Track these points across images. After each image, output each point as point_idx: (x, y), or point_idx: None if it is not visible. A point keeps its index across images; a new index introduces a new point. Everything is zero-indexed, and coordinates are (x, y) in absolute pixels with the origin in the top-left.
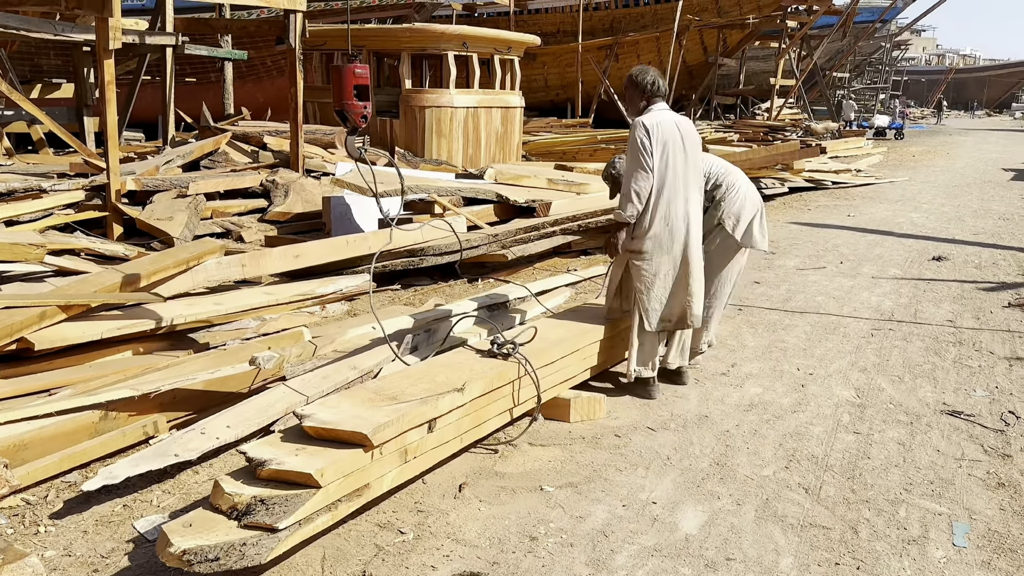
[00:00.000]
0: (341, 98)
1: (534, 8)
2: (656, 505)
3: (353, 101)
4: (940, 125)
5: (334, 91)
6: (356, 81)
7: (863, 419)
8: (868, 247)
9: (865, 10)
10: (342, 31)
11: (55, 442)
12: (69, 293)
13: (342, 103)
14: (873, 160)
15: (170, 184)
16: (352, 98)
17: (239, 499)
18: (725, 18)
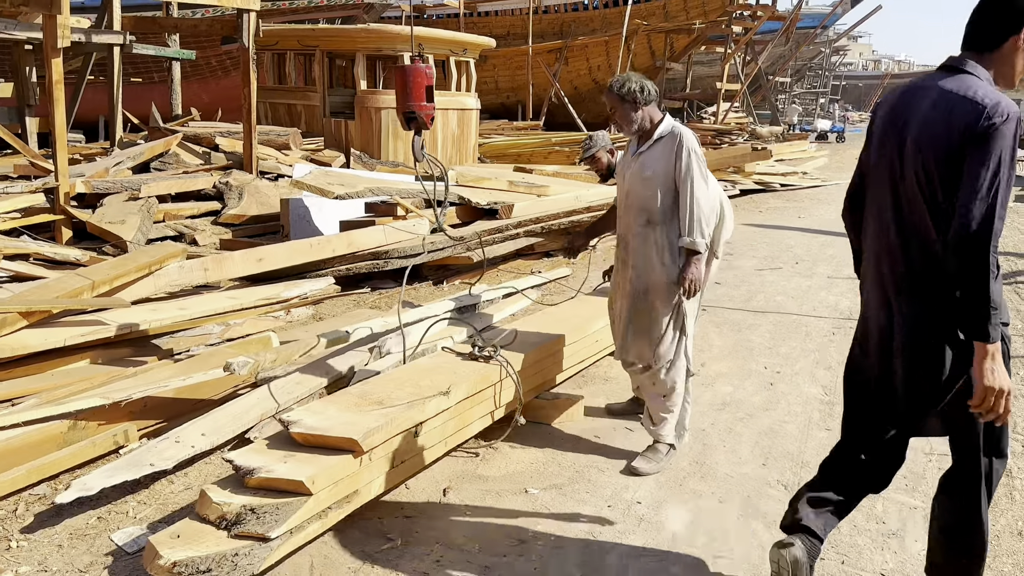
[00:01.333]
0: (409, 100)
1: (484, 11)
2: (641, 505)
3: (423, 103)
4: None
5: (399, 93)
6: (427, 82)
7: (833, 416)
8: (821, 247)
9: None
10: (294, 31)
11: (22, 454)
12: (30, 299)
13: (410, 104)
14: (818, 163)
15: (121, 187)
16: (423, 99)
17: (228, 508)
18: (672, 23)
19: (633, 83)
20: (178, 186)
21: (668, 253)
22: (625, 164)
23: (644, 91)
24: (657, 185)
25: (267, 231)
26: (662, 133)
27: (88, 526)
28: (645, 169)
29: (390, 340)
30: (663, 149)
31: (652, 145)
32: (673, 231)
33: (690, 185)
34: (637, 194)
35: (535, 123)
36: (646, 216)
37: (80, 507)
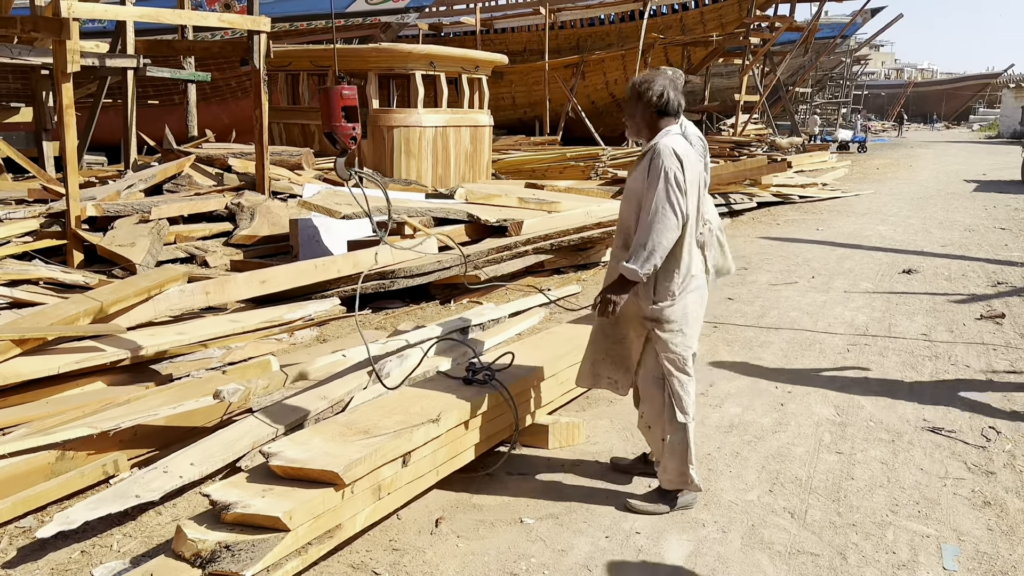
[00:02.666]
0: (330, 120)
1: (500, 28)
2: (640, 535)
3: (342, 123)
4: (901, 138)
5: (322, 114)
6: (344, 103)
7: (844, 438)
8: (838, 261)
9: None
10: (306, 52)
11: (8, 485)
12: (24, 327)
13: (331, 125)
14: (838, 174)
15: (132, 209)
16: (341, 120)
17: (203, 545)
18: (689, 35)
19: (655, 85)
20: (189, 208)
21: (641, 283)
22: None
23: (659, 97)
24: (634, 205)
25: (279, 251)
26: (647, 147)
27: (71, 560)
28: (628, 185)
29: (390, 363)
30: (645, 164)
31: (639, 160)
32: None
33: (651, 209)
34: (622, 213)
35: (552, 138)
36: (623, 238)
37: (65, 540)
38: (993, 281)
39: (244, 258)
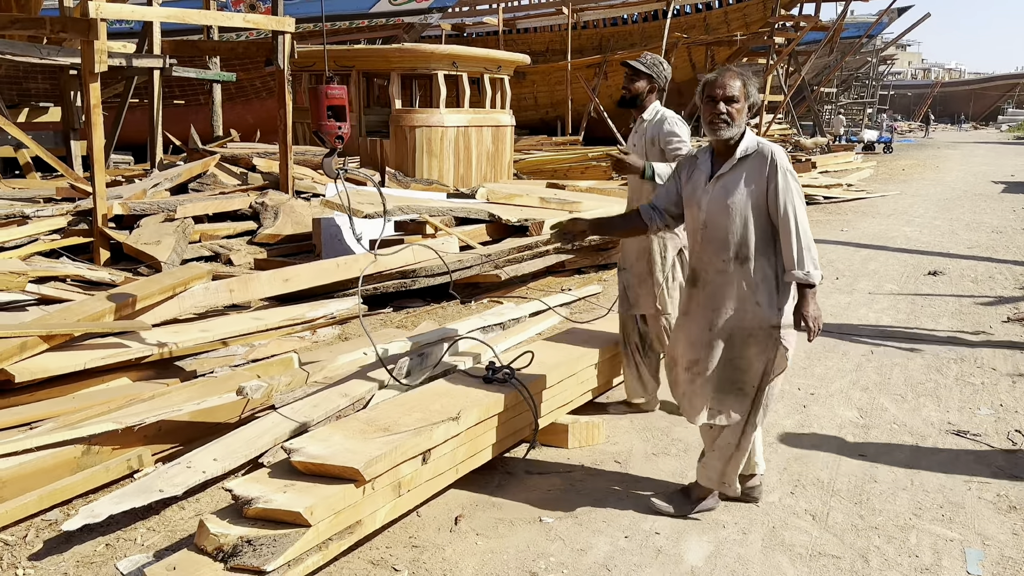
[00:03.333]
0: (316, 120)
1: (523, 28)
2: (660, 536)
3: (328, 122)
4: (928, 138)
5: (311, 113)
6: (330, 102)
7: (868, 440)
8: (863, 262)
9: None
10: (332, 52)
11: (35, 479)
12: (51, 323)
13: (318, 124)
14: (863, 174)
15: (158, 208)
16: (327, 119)
17: (225, 540)
18: (713, 35)
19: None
20: (214, 206)
21: (764, 292)
22: (697, 188)
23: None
24: (747, 213)
25: (302, 250)
26: (747, 151)
27: (95, 553)
28: (730, 194)
29: (411, 361)
30: (752, 170)
31: (735, 166)
32: (769, 265)
33: (792, 210)
34: (720, 225)
35: (574, 138)
36: (734, 250)
37: (89, 534)
38: (1021, 283)
39: (268, 256)
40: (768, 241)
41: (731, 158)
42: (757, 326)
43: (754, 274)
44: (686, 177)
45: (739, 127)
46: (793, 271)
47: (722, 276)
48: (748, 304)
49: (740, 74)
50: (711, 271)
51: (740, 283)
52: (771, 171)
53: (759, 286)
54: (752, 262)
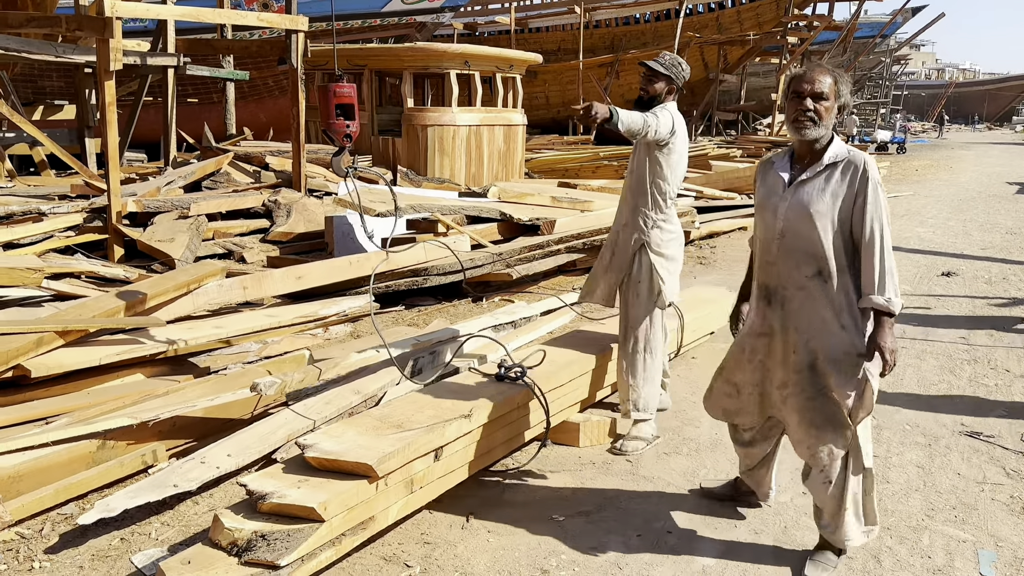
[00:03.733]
0: (325, 118)
1: (535, 27)
2: (672, 535)
3: (337, 121)
4: (942, 139)
5: (320, 112)
6: (338, 100)
7: (880, 441)
8: None
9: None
10: (343, 51)
11: (51, 473)
12: (67, 318)
13: (327, 123)
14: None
15: (171, 205)
16: (335, 118)
17: (239, 534)
18: (725, 35)
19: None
20: (227, 204)
21: (848, 314)
22: (773, 192)
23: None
24: (831, 225)
25: (314, 248)
26: (836, 158)
27: (111, 547)
28: (813, 202)
29: (422, 359)
30: (839, 179)
31: (820, 173)
32: (853, 286)
33: (879, 229)
34: (802, 235)
35: (586, 137)
36: (816, 265)
37: (105, 528)
38: None
39: (280, 254)
40: (852, 259)
41: (817, 163)
42: (843, 352)
43: (837, 293)
44: (760, 181)
45: (826, 128)
46: (872, 296)
47: (803, 293)
48: (833, 327)
49: (832, 71)
50: (791, 287)
51: (824, 302)
52: (861, 183)
53: (843, 308)
54: (835, 280)
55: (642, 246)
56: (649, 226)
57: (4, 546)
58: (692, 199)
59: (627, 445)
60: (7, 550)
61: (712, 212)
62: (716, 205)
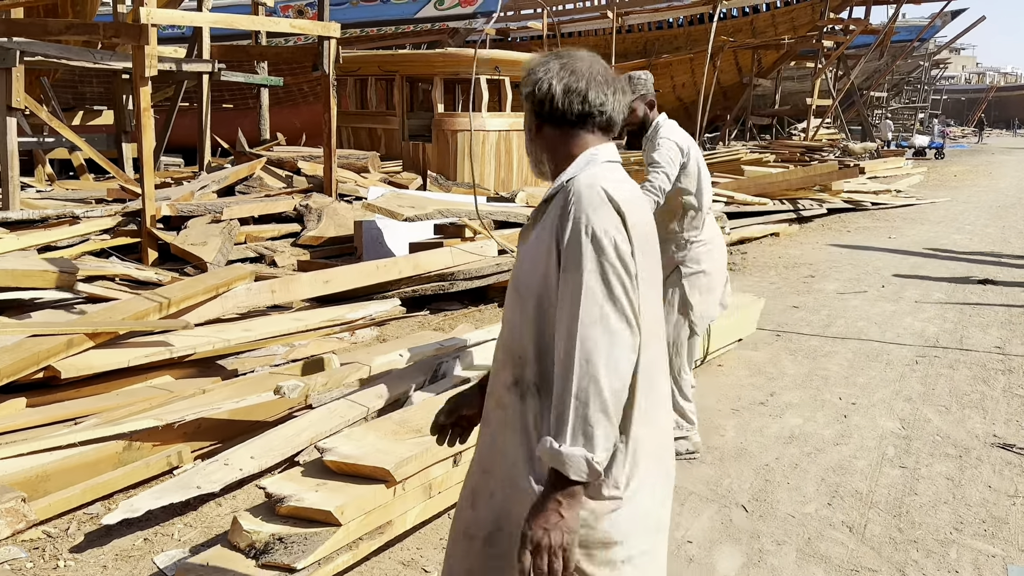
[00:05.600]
0: None
1: (567, 32)
2: (692, 544)
3: None
4: (981, 144)
5: None
6: None
7: (909, 452)
8: (910, 270)
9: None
10: (375, 57)
11: (78, 473)
12: (96, 321)
13: None
14: (913, 180)
15: (204, 209)
16: None
17: (257, 537)
18: (760, 39)
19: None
20: (259, 209)
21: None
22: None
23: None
24: (534, 301)
25: (344, 252)
26: (554, 189)
27: (134, 547)
28: (520, 266)
29: (447, 363)
30: (549, 226)
31: (538, 218)
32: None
33: (577, 318)
34: (506, 319)
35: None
36: (513, 370)
37: (129, 528)
38: None
39: (311, 258)
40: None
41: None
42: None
43: (532, 421)
44: None
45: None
46: (544, 440)
47: (500, 413)
48: (522, 480)
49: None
50: (491, 400)
51: (518, 434)
52: (561, 229)
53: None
54: (538, 398)
55: (675, 267)
56: (682, 246)
57: (31, 544)
58: (723, 204)
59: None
60: (33, 548)
61: (743, 218)
62: (747, 211)
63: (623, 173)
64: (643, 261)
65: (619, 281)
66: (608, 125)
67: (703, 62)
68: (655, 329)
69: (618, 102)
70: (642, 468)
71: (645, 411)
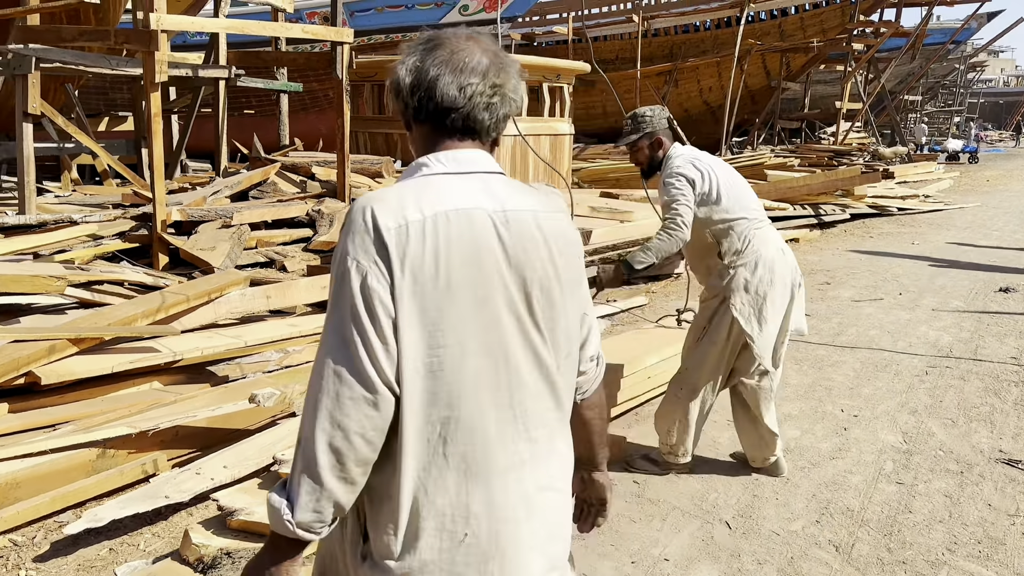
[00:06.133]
0: None
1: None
2: (668, 563)
3: None
4: (1019, 148)
5: None
6: None
7: (908, 467)
8: (931, 277)
9: (936, 32)
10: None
11: (49, 480)
12: (81, 326)
13: None
14: (943, 185)
15: (215, 214)
16: None
17: (206, 551)
18: (788, 42)
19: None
20: (271, 214)
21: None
22: None
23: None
24: None
25: None
26: None
27: (98, 557)
28: None
29: None
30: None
31: None
32: None
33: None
34: None
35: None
36: None
37: (96, 537)
38: None
39: (321, 263)
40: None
41: None
42: None
43: None
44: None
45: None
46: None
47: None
48: None
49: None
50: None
51: None
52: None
53: None
54: None
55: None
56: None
57: None
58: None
59: (638, 463)
60: None
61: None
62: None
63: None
64: (431, 298)
65: (358, 325)
66: (471, 127)
67: (730, 66)
68: (479, 378)
69: (481, 98)
70: (424, 543)
71: (429, 479)
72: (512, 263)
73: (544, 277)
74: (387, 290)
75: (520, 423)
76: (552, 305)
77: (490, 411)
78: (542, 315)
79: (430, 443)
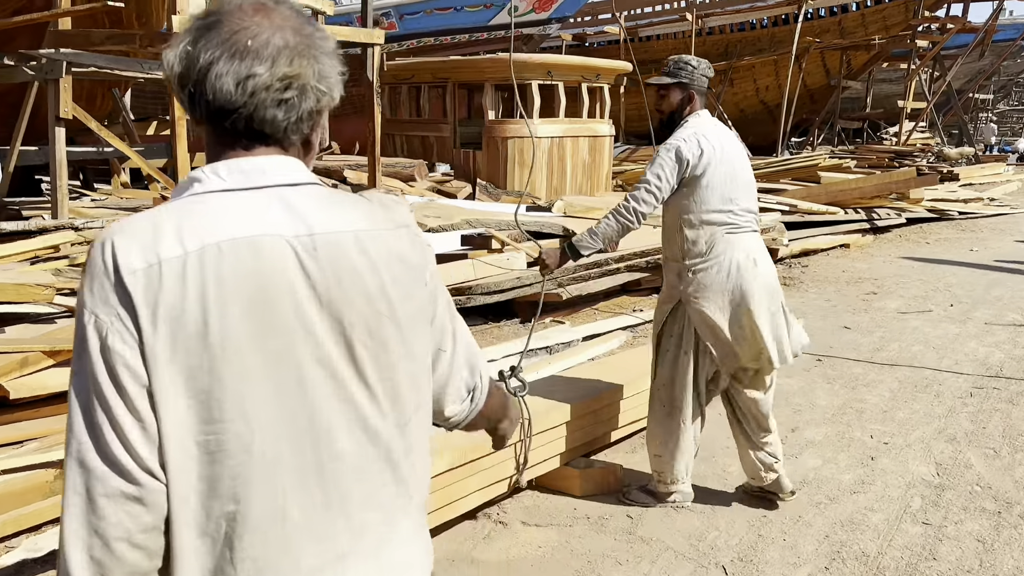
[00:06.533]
0: None
1: (645, 36)
2: None
3: None
4: None
5: None
6: None
7: (938, 505)
8: (987, 287)
9: (1007, 27)
10: (427, 64)
11: (5, 502)
12: (59, 337)
13: None
14: (1010, 188)
15: None
16: None
17: None
18: (848, 39)
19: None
20: None
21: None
22: None
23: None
24: None
25: None
26: None
27: None
28: None
29: None
30: None
31: None
32: None
33: None
34: None
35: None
36: None
37: (42, 566)
38: None
39: None
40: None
41: None
42: None
43: None
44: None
45: None
46: None
47: None
48: None
49: None
50: None
51: None
52: None
53: None
54: None
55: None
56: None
57: None
58: (779, 214)
59: (634, 495)
60: None
61: (809, 228)
62: (813, 220)
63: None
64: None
65: (101, 399)
66: (259, 131)
67: (787, 64)
68: (277, 458)
69: (267, 93)
70: None
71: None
72: (323, 303)
73: (371, 316)
74: (135, 351)
75: (336, 509)
76: (386, 350)
77: (292, 498)
78: (371, 365)
79: (215, 544)
